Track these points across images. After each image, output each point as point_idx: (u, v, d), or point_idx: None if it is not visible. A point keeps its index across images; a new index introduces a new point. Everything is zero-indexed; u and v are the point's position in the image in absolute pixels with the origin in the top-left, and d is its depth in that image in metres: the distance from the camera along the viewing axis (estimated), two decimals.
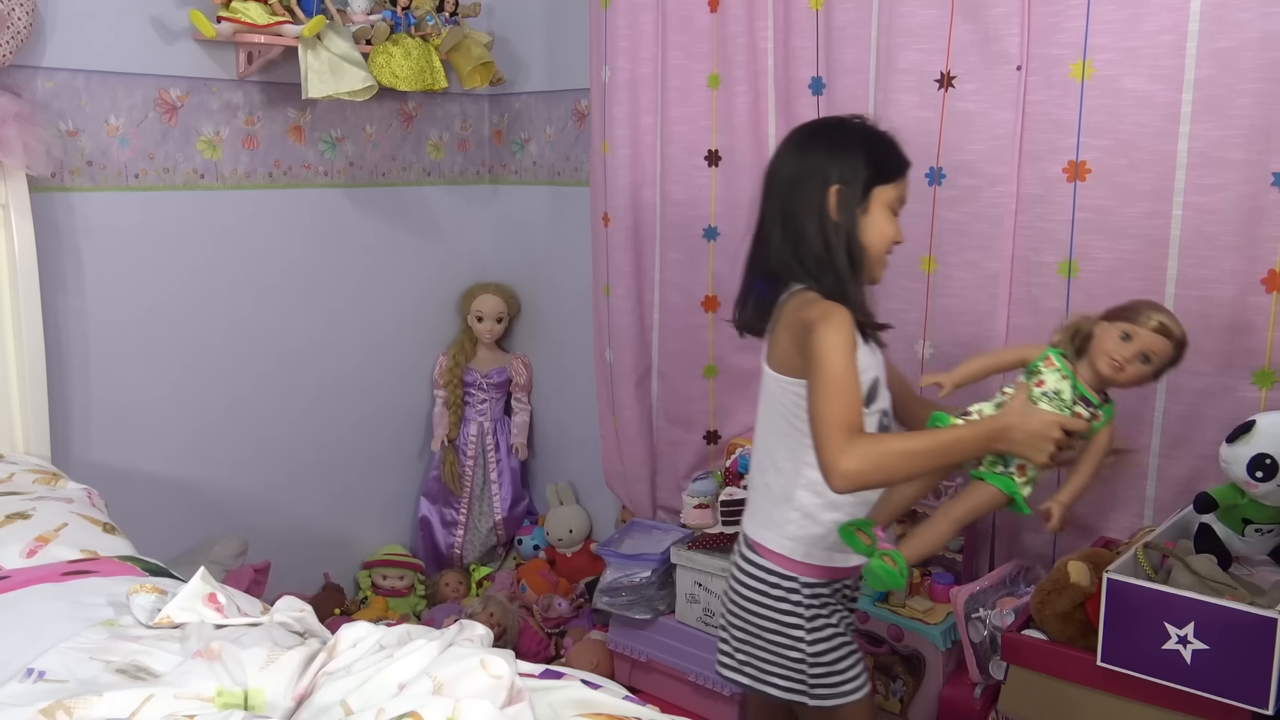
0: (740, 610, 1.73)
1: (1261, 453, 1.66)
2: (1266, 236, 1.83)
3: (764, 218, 1.67)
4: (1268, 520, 1.75)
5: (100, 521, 1.91)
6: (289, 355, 2.88)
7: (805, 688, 1.68)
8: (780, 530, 1.68)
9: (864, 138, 1.64)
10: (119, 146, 2.50)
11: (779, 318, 1.64)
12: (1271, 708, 1.46)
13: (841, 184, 1.59)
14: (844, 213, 1.59)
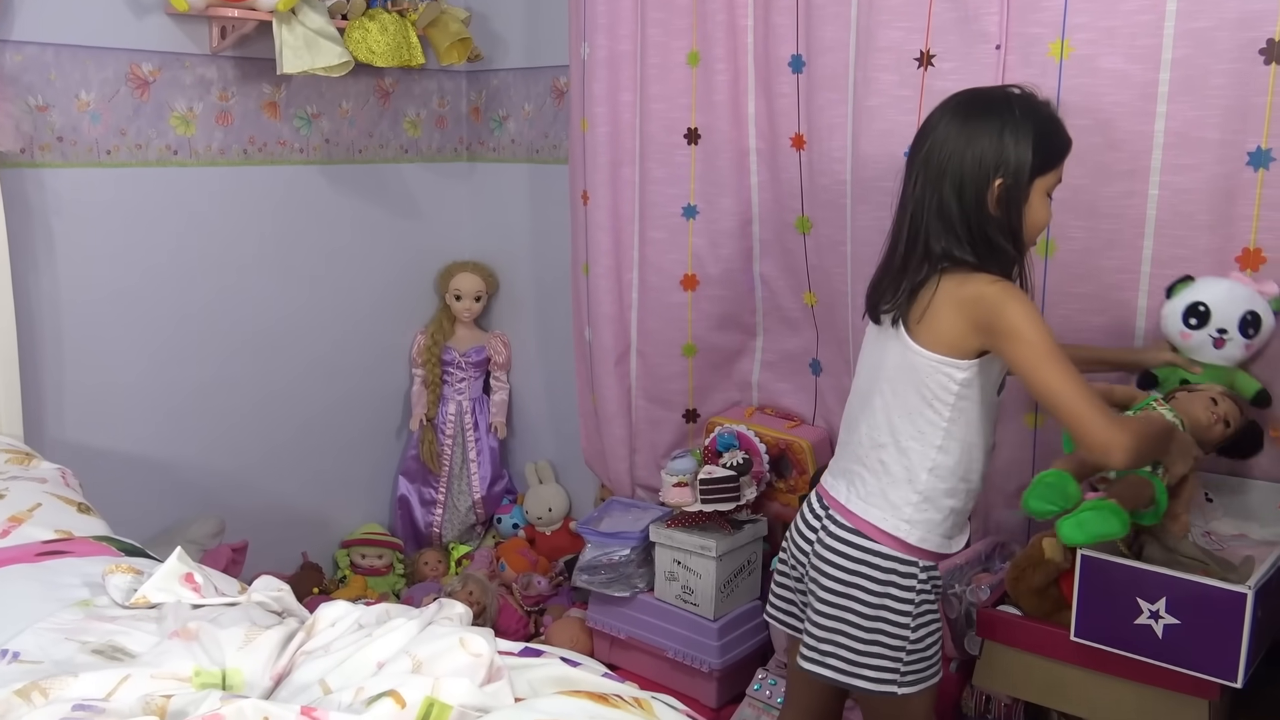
0: (836, 597, 1.64)
1: (1196, 301, 1.73)
2: (1241, 215, 1.84)
3: (919, 200, 1.59)
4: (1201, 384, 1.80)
5: (75, 501, 1.89)
6: (265, 334, 2.86)
7: (898, 676, 1.62)
8: (898, 512, 1.61)
9: (1032, 123, 1.56)
10: (90, 122, 2.47)
11: (931, 297, 1.56)
12: (1241, 680, 1.48)
13: (1005, 179, 1.54)
14: (1006, 208, 1.55)
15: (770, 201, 2.48)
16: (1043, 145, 1.56)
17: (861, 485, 1.66)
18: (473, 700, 1.08)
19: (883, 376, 1.63)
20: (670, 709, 1.17)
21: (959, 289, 1.55)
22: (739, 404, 2.68)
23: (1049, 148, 1.57)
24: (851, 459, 1.69)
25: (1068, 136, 1.61)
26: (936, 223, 1.57)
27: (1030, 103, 1.59)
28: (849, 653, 1.63)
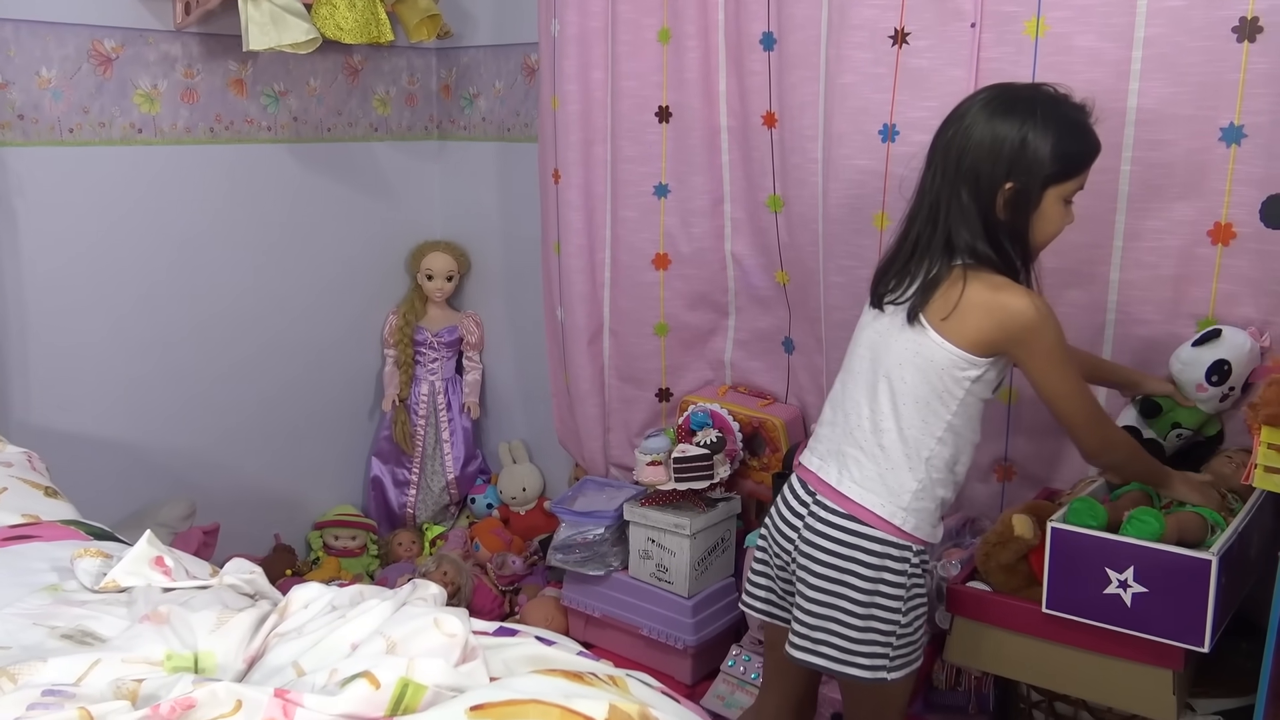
0: (828, 584, 1.62)
1: (1222, 358, 1.73)
2: (1213, 190, 1.86)
3: (939, 191, 1.58)
4: (1193, 425, 1.85)
5: (41, 485, 1.87)
6: (235, 316, 2.83)
7: (887, 662, 1.62)
8: (897, 499, 1.60)
9: (1054, 128, 1.53)
10: (52, 100, 2.42)
11: (959, 292, 1.55)
12: (1207, 645, 1.51)
13: (1015, 184, 1.53)
14: (1014, 212, 1.55)
15: (742, 180, 2.47)
16: (1062, 152, 1.54)
17: (857, 469, 1.63)
18: (447, 680, 1.08)
19: (890, 363, 1.62)
20: (645, 686, 1.18)
21: (993, 295, 1.54)
22: (712, 383, 2.68)
23: (1068, 155, 1.55)
24: (845, 441, 1.66)
25: (1094, 142, 1.58)
26: (959, 217, 1.56)
27: (1057, 106, 1.56)
28: (842, 640, 1.62)
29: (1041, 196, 1.55)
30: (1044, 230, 1.59)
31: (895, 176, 2.16)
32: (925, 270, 1.58)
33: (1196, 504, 1.67)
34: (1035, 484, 2.14)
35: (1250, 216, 1.82)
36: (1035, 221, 1.57)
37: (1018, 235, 1.57)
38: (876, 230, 2.20)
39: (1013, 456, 2.17)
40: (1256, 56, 1.77)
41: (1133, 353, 1.99)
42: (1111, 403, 1.99)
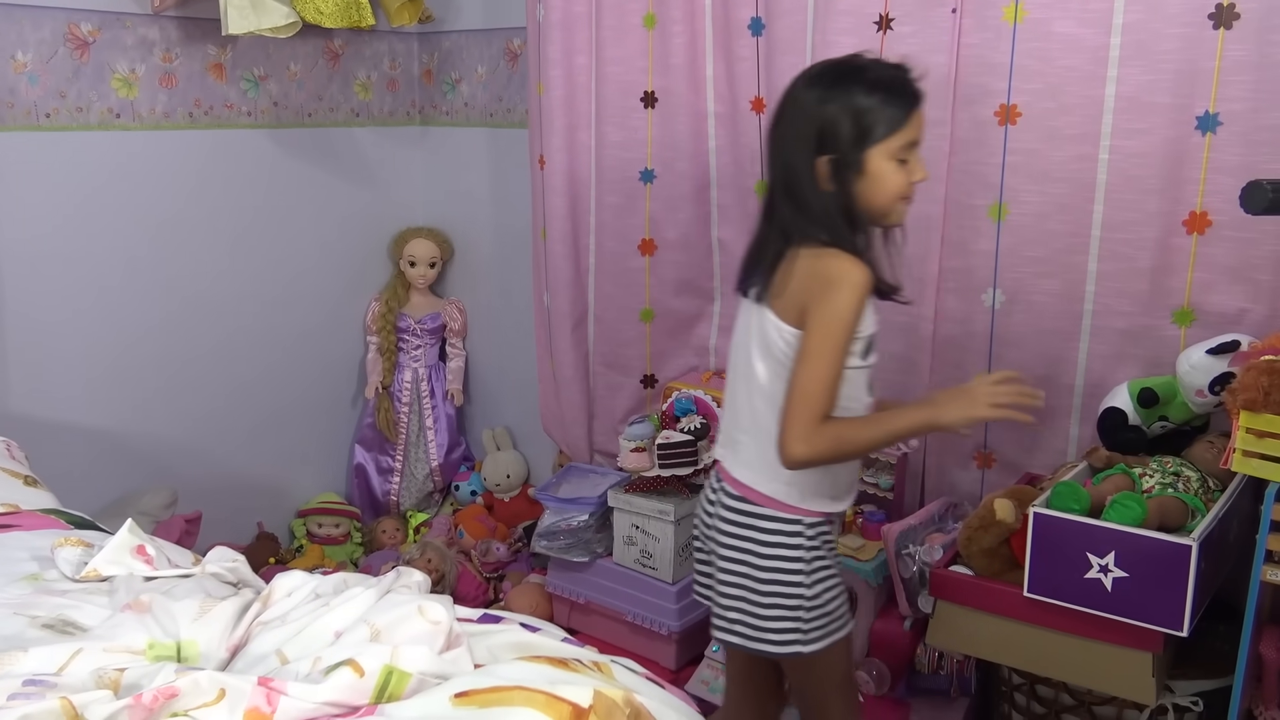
0: (733, 564, 1.65)
1: (1230, 371, 1.73)
2: (1189, 179, 1.87)
3: (771, 174, 1.63)
4: (1179, 420, 1.85)
5: (21, 474, 1.86)
6: (217, 303, 2.81)
7: (801, 635, 1.63)
8: (777, 475, 1.61)
9: (851, 94, 1.54)
10: (28, 84, 2.39)
11: (790, 269, 1.57)
12: (1186, 629, 1.53)
13: (829, 155, 1.53)
14: (836, 183, 1.55)
15: (729, 165, 2.47)
16: (864, 110, 1.53)
17: (744, 451, 1.67)
18: (432, 668, 1.08)
19: (751, 346, 1.64)
20: (630, 672, 1.18)
21: (815, 263, 1.55)
22: (696, 369, 2.68)
23: (874, 117, 1.54)
24: (734, 428, 1.70)
25: (902, 93, 1.55)
26: (784, 198, 1.59)
27: (858, 71, 1.57)
28: (752, 618, 1.65)
29: (862, 160, 1.55)
30: (880, 193, 1.57)
31: None
32: (772, 255, 1.61)
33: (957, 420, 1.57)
34: (1015, 471, 2.15)
35: (1226, 205, 1.83)
36: (865, 188, 1.56)
37: (850, 206, 1.57)
38: None
39: (992, 444, 2.19)
40: (1232, 44, 1.78)
41: (1109, 345, 2.00)
42: (1105, 382, 2.00)
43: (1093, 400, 2.01)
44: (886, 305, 2.21)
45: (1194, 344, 1.84)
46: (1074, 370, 2.05)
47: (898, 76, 1.57)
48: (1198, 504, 1.67)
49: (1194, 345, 1.81)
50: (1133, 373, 1.97)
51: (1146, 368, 1.96)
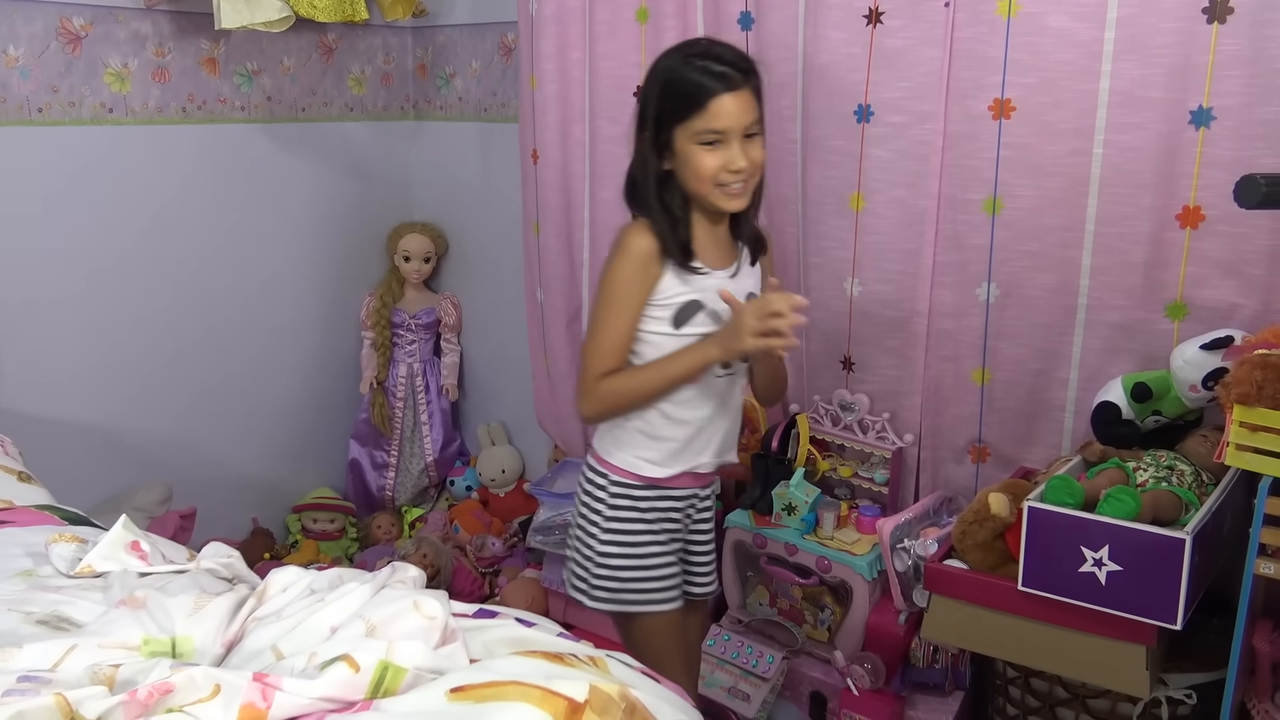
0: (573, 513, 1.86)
1: (1224, 366, 1.73)
2: (1182, 173, 1.87)
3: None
4: (1173, 415, 1.85)
5: (15, 470, 1.85)
6: (211, 298, 2.80)
7: (586, 587, 1.78)
8: (601, 433, 1.79)
9: (663, 73, 1.64)
10: (19, 79, 2.38)
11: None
12: (1180, 623, 1.53)
13: (647, 132, 1.65)
14: (650, 159, 1.66)
15: None
16: (669, 93, 1.62)
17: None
18: (427, 663, 1.08)
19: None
20: (625, 666, 1.18)
21: (619, 235, 1.70)
22: None
23: (675, 95, 1.61)
24: None
25: (700, 77, 1.60)
26: (630, 176, 1.72)
27: (677, 52, 1.65)
28: (569, 561, 1.84)
29: (671, 139, 1.63)
30: (688, 175, 1.65)
31: (870, 157, 2.16)
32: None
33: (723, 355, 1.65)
34: (1009, 465, 2.16)
35: (1219, 199, 1.83)
36: (677, 168, 1.65)
37: (661, 182, 1.67)
38: (853, 211, 2.21)
39: (987, 438, 2.19)
40: (1226, 38, 1.78)
41: (1102, 339, 2.00)
42: (1099, 376, 2.00)
43: (1087, 394, 2.01)
44: (879, 300, 2.23)
45: (1187, 338, 1.84)
46: (1068, 364, 2.05)
47: (710, 61, 1.62)
48: (1191, 498, 1.67)
49: (1187, 340, 1.82)
50: (1126, 367, 1.97)
51: (1140, 362, 1.97)
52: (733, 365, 1.75)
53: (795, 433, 2.31)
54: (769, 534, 2.21)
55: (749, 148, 1.64)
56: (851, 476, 2.31)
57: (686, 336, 1.68)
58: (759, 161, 1.66)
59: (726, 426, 1.81)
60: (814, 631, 2.23)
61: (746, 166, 1.63)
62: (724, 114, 1.61)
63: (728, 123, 1.61)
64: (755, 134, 1.65)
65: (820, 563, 2.14)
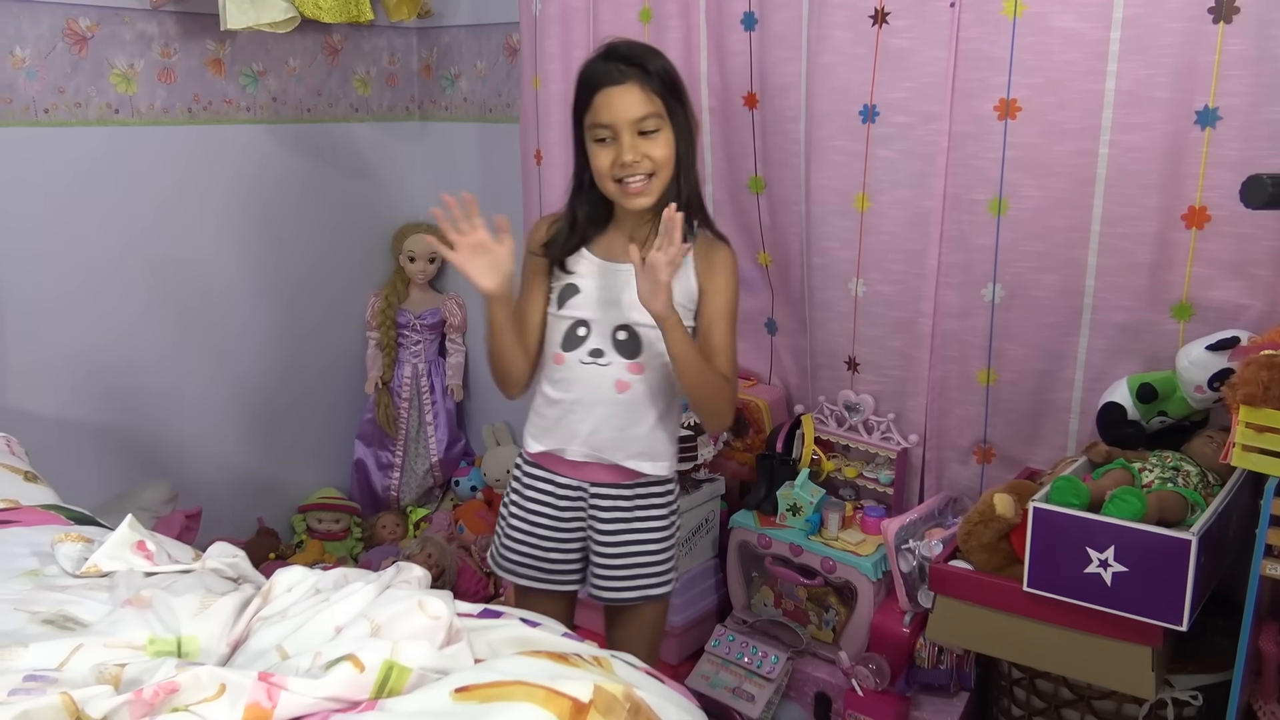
0: None
1: (1230, 367, 1.72)
2: (1188, 174, 1.86)
3: None
4: (1178, 415, 1.85)
5: (21, 470, 1.86)
6: (216, 297, 2.81)
7: (495, 555, 1.90)
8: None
9: (581, 69, 1.68)
10: (26, 79, 2.39)
11: None
12: (1186, 624, 1.53)
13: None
14: (577, 158, 1.72)
15: (723, 161, 2.47)
16: (576, 93, 1.68)
17: None
18: (432, 663, 1.08)
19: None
20: (630, 667, 1.18)
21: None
22: None
23: (576, 94, 1.68)
24: None
25: (588, 77, 1.66)
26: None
27: (597, 50, 1.70)
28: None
29: (582, 130, 1.69)
30: (594, 171, 1.69)
31: (875, 157, 2.16)
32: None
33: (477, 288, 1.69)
34: (1014, 465, 2.16)
35: (1225, 200, 1.83)
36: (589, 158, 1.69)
37: (580, 170, 1.74)
38: (857, 211, 2.21)
39: (992, 438, 2.19)
40: (1232, 38, 1.78)
41: (1108, 340, 2.00)
42: (1104, 377, 2.00)
43: (1092, 395, 2.01)
44: (884, 301, 2.22)
45: (1193, 339, 1.84)
46: (1073, 365, 2.05)
47: (600, 58, 1.67)
48: (1197, 499, 1.67)
49: (1193, 341, 1.81)
50: (1132, 367, 1.97)
51: (1146, 362, 1.96)
52: (604, 354, 1.73)
53: (800, 433, 2.31)
54: (774, 534, 2.21)
55: (646, 143, 1.64)
56: (856, 477, 2.31)
57: (564, 319, 1.76)
58: (659, 158, 1.65)
59: (598, 418, 1.76)
60: (819, 632, 2.22)
61: (636, 161, 1.64)
62: (607, 108, 1.64)
63: (612, 117, 1.64)
64: (655, 130, 1.65)
65: (825, 563, 2.13)
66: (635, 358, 1.74)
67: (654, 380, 1.76)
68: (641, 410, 1.76)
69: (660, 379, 1.76)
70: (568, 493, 1.82)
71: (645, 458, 1.79)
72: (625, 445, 1.77)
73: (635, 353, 1.74)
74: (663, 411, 1.78)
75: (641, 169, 1.65)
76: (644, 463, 1.79)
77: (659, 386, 1.76)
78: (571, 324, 1.76)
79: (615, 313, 1.74)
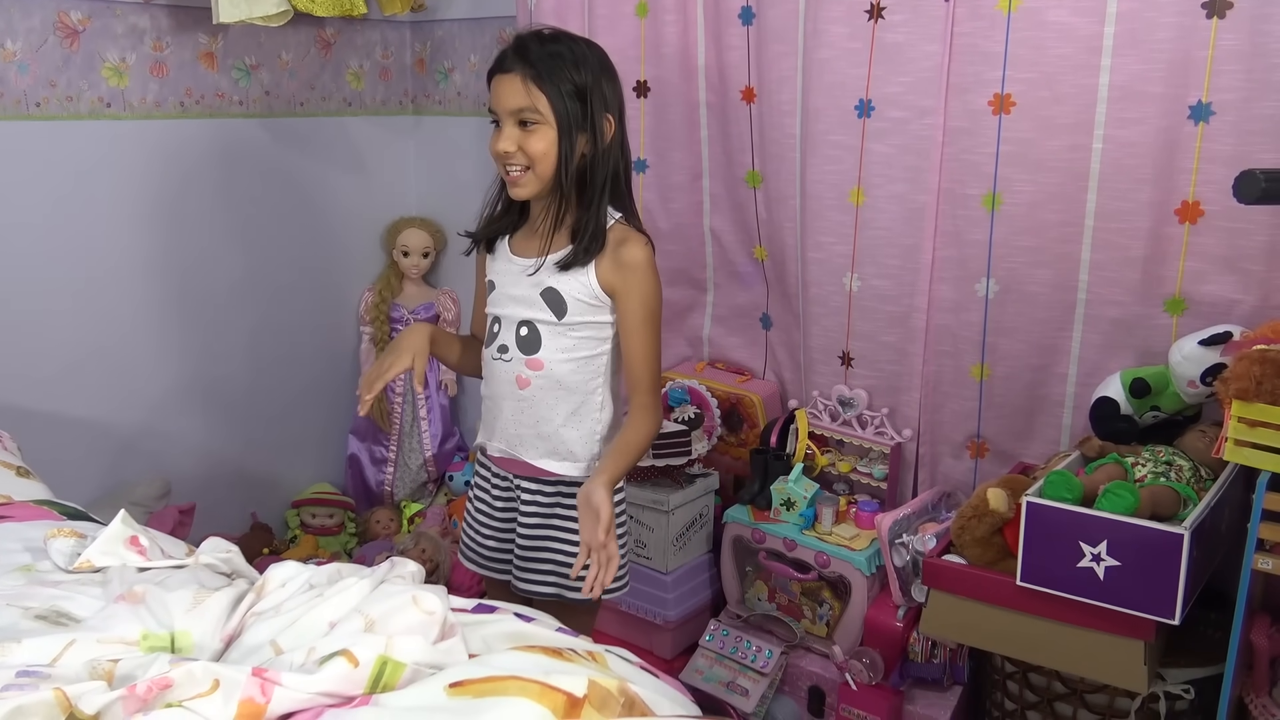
0: None
1: (1222, 362, 1.73)
2: (1181, 169, 1.87)
3: None
4: (1171, 410, 1.86)
5: (13, 465, 1.85)
6: (208, 291, 2.80)
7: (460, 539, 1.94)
8: None
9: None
10: (17, 73, 2.38)
11: None
12: (1178, 618, 1.53)
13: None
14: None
15: (721, 155, 2.47)
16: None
17: None
18: (426, 658, 1.08)
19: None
20: (624, 661, 1.18)
21: None
22: (690, 359, 2.68)
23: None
24: None
25: (494, 61, 1.66)
26: None
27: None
28: None
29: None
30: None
31: (870, 152, 2.16)
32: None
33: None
34: (1007, 460, 2.16)
35: (1218, 194, 1.83)
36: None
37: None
38: (853, 206, 2.21)
39: (985, 433, 2.19)
40: (1226, 33, 1.78)
41: (1102, 334, 2.00)
42: (1098, 371, 2.00)
43: (1086, 390, 2.02)
44: (878, 295, 2.22)
45: (1186, 334, 1.84)
46: (1067, 359, 2.05)
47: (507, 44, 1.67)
48: (1190, 493, 1.67)
49: (1186, 336, 1.82)
50: (1125, 362, 1.97)
51: (1139, 357, 1.97)
52: (508, 350, 1.74)
53: (794, 428, 2.31)
54: (767, 529, 2.21)
55: (525, 136, 1.63)
56: (850, 472, 2.31)
57: (488, 315, 1.80)
58: (534, 151, 1.63)
59: (507, 414, 1.76)
60: (812, 626, 2.23)
61: (509, 151, 1.63)
62: (494, 94, 1.65)
63: (495, 103, 1.65)
64: (534, 123, 1.62)
65: (819, 558, 2.14)
66: (534, 353, 1.72)
67: (558, 378, 1.72)
68: (545, 408, 1.73)
69: (567, 376, 1.72)
70: (500, 483, 1.85)
71: (555, 457, 1.76)
72: (534, 443, 1.76)
73: (534, 349, 1.72)
74: (573, 411, 1.74)
75: (516, 160, 1.64)
76: (553, 462, 1.76)
77: (566, 384, 1.73)
78: (490, 320, 1.80)
79: (519, 308, 1.74)
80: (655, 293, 1.71)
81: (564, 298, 1.69)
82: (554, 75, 1.61)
